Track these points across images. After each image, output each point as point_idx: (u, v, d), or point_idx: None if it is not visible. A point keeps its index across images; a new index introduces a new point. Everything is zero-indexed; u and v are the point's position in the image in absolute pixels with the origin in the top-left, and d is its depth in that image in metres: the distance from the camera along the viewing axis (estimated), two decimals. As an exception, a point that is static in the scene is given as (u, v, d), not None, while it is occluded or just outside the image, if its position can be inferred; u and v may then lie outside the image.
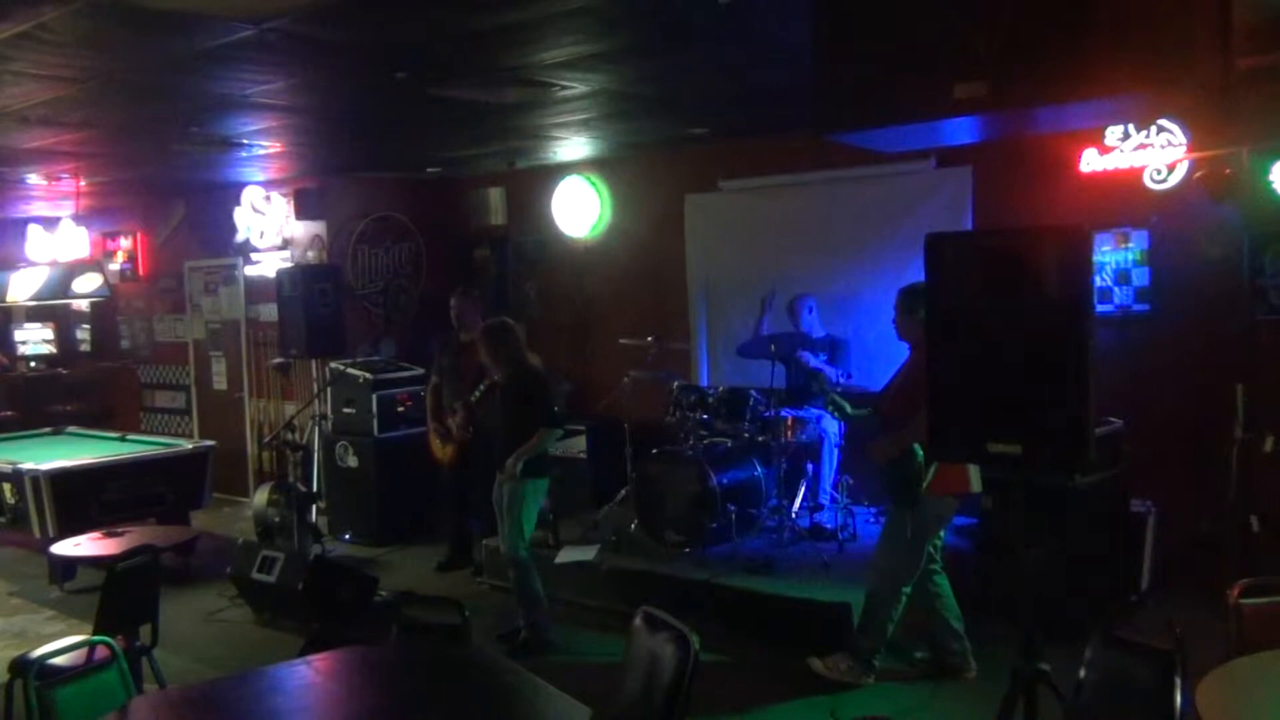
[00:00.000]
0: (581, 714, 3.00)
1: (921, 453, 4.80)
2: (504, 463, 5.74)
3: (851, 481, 6.80)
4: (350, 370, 8.48)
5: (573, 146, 8.12)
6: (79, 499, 7.35)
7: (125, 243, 11.61)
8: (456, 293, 7.43)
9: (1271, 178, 5.63)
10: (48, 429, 9.63)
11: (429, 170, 9.47)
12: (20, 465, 7.45)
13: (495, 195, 9.68)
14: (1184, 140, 5.86)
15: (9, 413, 11.13)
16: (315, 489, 8.38)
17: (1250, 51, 5.13)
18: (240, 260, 10.11)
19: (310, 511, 7.64)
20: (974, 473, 5.09)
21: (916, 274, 5.05)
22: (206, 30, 4.37)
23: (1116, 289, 6.36)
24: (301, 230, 9.50)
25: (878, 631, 5.02)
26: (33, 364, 12.02)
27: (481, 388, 6.63)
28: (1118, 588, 5.81)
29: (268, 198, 9.63)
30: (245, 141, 7.30)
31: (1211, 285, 6.02)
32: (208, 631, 6.38)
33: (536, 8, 4.20)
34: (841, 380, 6.77)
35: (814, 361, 6.86)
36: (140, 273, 11.48)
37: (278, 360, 9.49)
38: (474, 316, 7.27)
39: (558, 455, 7.63)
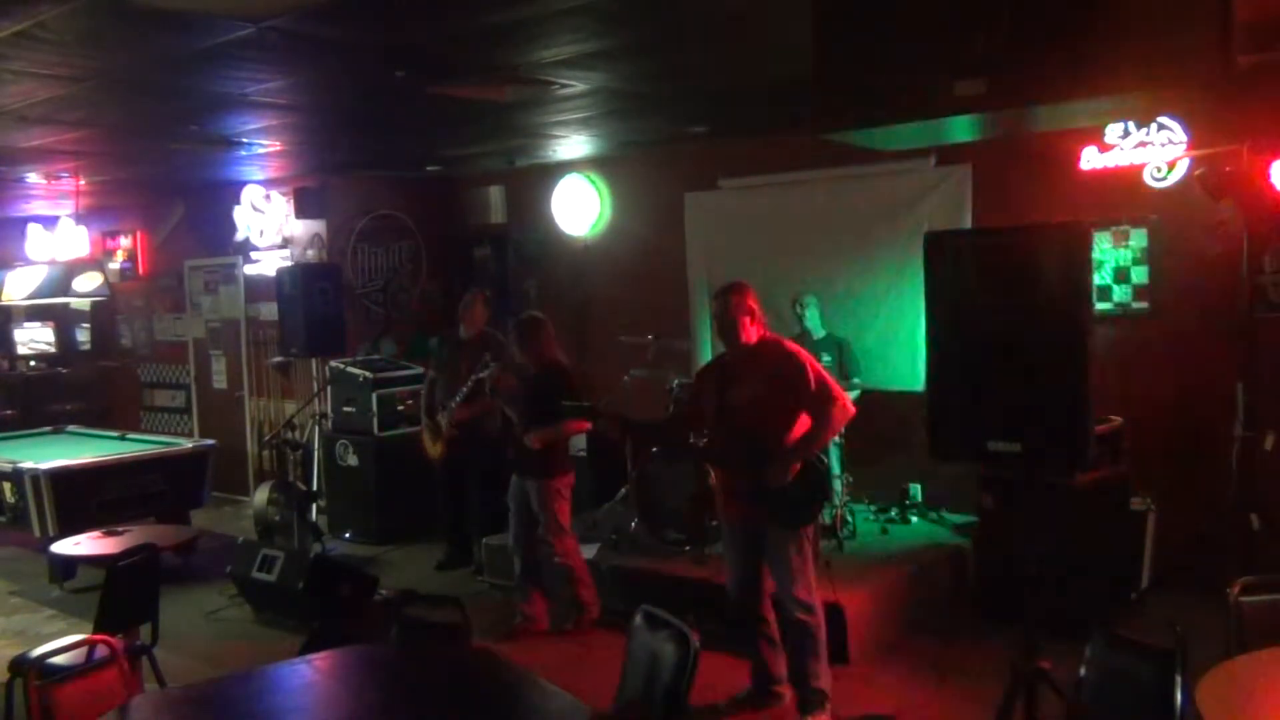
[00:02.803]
0: (581, 713, 3.00)
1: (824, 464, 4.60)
2: (524, 459, 5.86)
3: (852, 480, 6.80)
4: (350, 369, 8.48)
5: (572, 145, 8.12)
6: (79, 498, 7.34)
7: (125, 242, 11.61)
8: (471, 291, 7.44)
9: (1271, 175, 5.62)
10: (48, 428, 9.62)
11: (429, 169, 9.47)
12: (20, 464, 7.44)
13: (495, 193, 9.67)
14: (1184, 138, 5.86)
15: (9, 412, 11.13)
16: (315, 488, 8.38)
17: (1250, 49, 5.13)
18: (240, 259, 10.10)
19: (310, 510, 7.64)
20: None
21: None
22: (205, 29, 4.37)
23: (1116, 287, 6.36)
24: (301, 229, 9.50)
25: (822, 664, 4.65)
26: (33, 363, 12.02)
27: (468, 386, 6.67)
28: (1118, 586, 5.80)
29: (267, 196, 9.62)
30: (245, 140, 7.30)
31: (1211, 283, 6.02)
32: (208, 630, 6.38)
33: (536, 6, 4.20)
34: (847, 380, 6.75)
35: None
36: (140, 272, 11.48)
37: (277, 359, 9.49)
38: (481, 319, 7.28)
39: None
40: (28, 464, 7.42)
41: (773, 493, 4.51)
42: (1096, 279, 6.21)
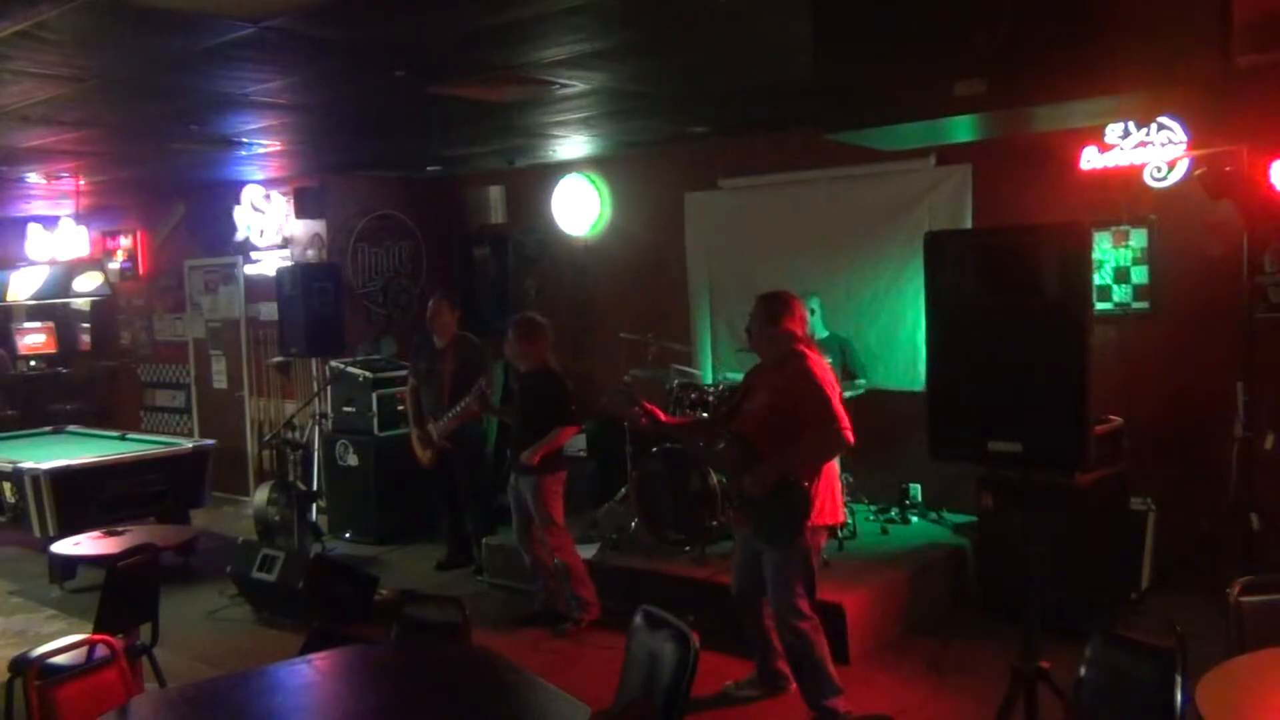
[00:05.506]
0: (581, 713, 3.00)
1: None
2: (519, 458, 5.92)
3: (852, 480, 6.80)
4: (350, 369, 8.48)
5: (572, 144, 8.12)
6: (79, 498, 7.34)
7: (125, 241, 11.60)
8: (435, 297, 7.46)
9: (1271, 175, 5.63)
10: (48, 428, 9.62)
11: (428, 169, 9.47)
12: (20, 464, 7.45)
13: (495, 193, 9.67)
14: (1184, 138, 5.86)
15: (9, 412, 11.13)
16: (315, 488, 8.38)
17: (1250, 49, 5.14)
18: (240, 259, 10.10)
19: (310, 510, 7.64)
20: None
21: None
22: (205, 28, 4.37)
23: (1116, 287, 6.36)
24: (301, 229, 9.50)
25: (829, 677, 4.60)
26: (33, 363, 12.01)
27: (461, 405, 6.70)
28: (1118, 586, 5.80)
29: (267, 196, 9.62)
30: (245, 140, 7.30)
31: (1211, 283, 6.01)
32: (208, 630, 6.38)
33: (536, 6, 4.20)
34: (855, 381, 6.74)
35: None
36: (140, 271, 11.47)
37: (277, 359, 9.49)
38: (451, 323, 7.29)
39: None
40: (28, 464, 7.42)
41: (752, 504, 4.53)
42: (1096, 279, 6.21)
